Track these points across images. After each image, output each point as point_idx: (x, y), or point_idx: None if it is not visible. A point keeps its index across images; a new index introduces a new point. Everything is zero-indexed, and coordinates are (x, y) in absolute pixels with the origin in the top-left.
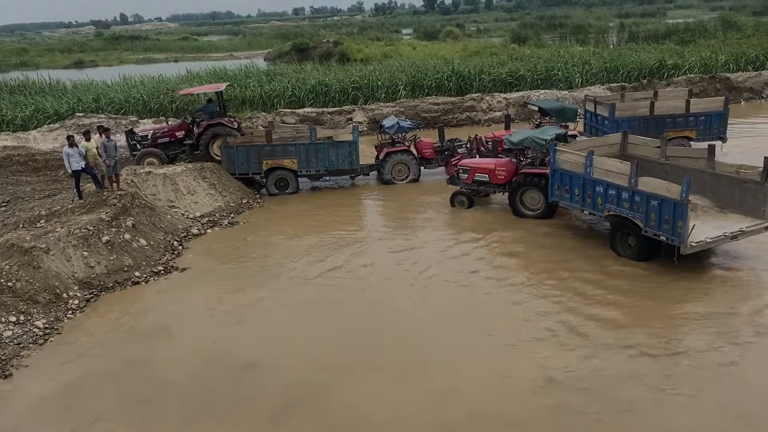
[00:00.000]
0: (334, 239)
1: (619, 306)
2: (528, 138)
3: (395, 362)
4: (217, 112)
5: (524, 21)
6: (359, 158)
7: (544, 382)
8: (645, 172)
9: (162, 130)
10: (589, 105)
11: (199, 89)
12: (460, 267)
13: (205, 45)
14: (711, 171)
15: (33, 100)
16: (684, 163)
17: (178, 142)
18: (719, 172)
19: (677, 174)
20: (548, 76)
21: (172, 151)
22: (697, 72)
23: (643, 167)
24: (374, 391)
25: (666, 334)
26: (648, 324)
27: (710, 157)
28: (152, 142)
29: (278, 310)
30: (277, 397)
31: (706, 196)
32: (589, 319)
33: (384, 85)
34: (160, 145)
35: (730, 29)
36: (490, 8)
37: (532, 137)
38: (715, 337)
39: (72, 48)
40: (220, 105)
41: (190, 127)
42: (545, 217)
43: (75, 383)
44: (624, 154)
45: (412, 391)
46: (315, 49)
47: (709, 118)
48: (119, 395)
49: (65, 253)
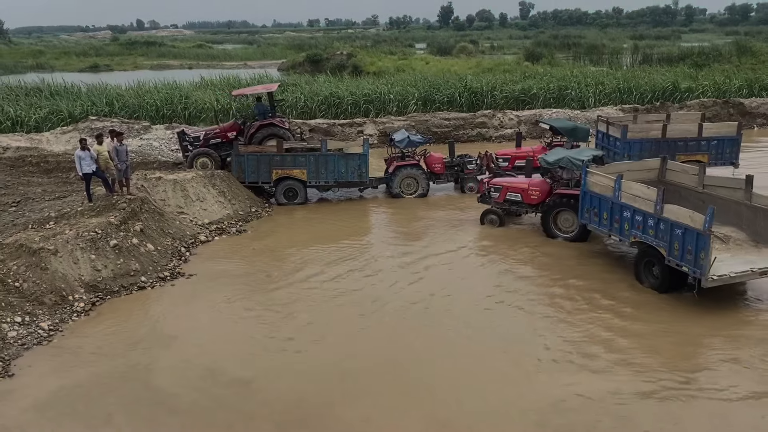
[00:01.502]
0: (341, 251)
1: (640, 339)
2: (564, 158)
3: (399, 384)
4: (268, 112)
5: (538, 39)
6: (368, 171)
7: (556, 407)
8: (682, 200)
9: (214, 130)
10: (601, 125)
11: (252, 90)
12: (477, 287)
13: (219, 53)
14: (748, 203)
15: (48, 102)
16: (721, 193)
17: (230, 143)
18: (756, 204)
19: (713, 204)
20: (561, 95)
21: (224, 152)
22: (710, 96)
23: (680, 195)
24: (377, 414)
25: (686, 372)
26: (669, 360)
27: (748, 188)
28: (204, 142)
29: (282, 322)
30: (277, 415)
31: (742, 228)
32: (608, 349)
33: (396, 99)
34: (212, 146)
35: (745, 54)
36: (505, 25)
37: (568, 157)
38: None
39: (88, 52)
40: (270, 105)
41: (242, 128)
42: (579, 240)
43: (77, 387)
44: (662, 180)
45: (415, 417)
46: (328, 61)
47: (721, 143)
48: (120, 401)
49: (73, 256)
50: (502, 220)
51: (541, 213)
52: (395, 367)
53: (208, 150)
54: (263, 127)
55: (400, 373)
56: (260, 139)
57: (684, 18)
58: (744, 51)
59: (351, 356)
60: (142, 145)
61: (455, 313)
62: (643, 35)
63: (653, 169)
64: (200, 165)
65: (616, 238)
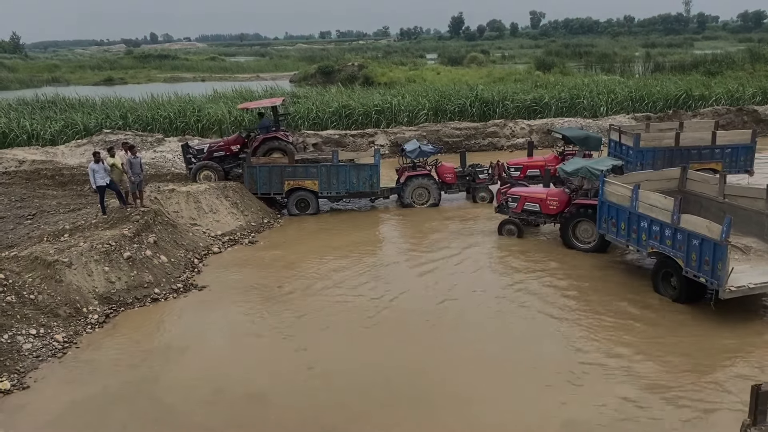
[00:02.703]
0: (353, 262)
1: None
2: (583, 168)
3: (412, 399)
4: (272, 126)
5: (549, 48)
6: (380, 181)
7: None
8: (703, 210)
9: (218, 143)
10: (613, 134)
11: (257, 104)
12: (495, 298)
13: (232, 65)
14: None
15: (63, 116)
16: (742, 203)
17: (234, 156)
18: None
19: (734, 213)
20: (573, 104)
21: (228, 165)
22: (723, 104)
23: (701, 205)
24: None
25: (700, 390)
26: (682, 377)
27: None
28: (208, 155)
29: (295, 334)
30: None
31: (764, 239)
32: (626, 361)
33: (407, 109)
34: (216, 159)
35: (759, 62)
36: (515, 35)
37: (587, 167)
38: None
39: (102, 65)
40: (275, 119)
41: (245, 141)
42: (598, 251)
43: (90, 400)
44: (682, 189)
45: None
46: (340, 72)
47: (735, 151)
48: (133, 417)
49: (87, 268)
50: (521, 230)
51: (560, 223)
52: (411, 380)
53: (211, 163)
54: (267, 141)
55: (417, 387)
56: (264, 152)
57: (696, 25)
58: (757, 58)
59: (366, 369)
60: (156, 157)
61: (473, 324)
62: (655, 43)
63: (673, 178)
64: (203, 178)
65: (633, 249)
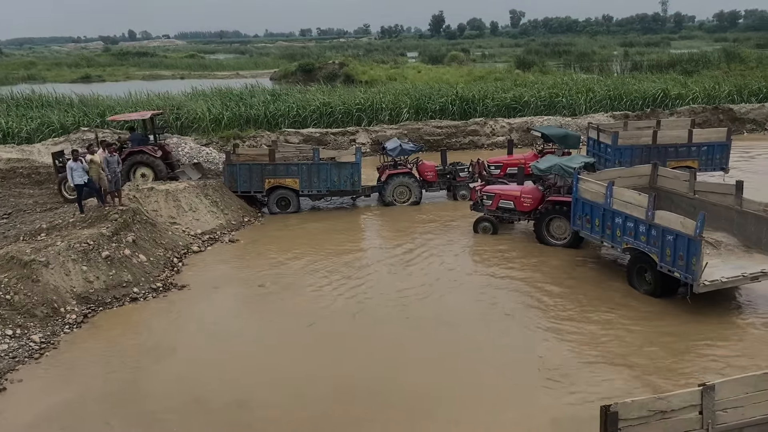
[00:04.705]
0: (334, 260)
1: (635, 344)
2: (556, 165)
3: (397, 401)
4: (143, 140)
5: (529, 47)
6: (361, 179)
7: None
8: (673, 206)
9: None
10: (592, 132)
11: (126, 116)
12: (472, 294)
13: (211, 63)
14: (738, 208)
15: (39, 113)
16: (712, 199)
17: None
18: (746, 209)
19: (705, 209)
20: (552, 103)
21: None
22: (700, 102)
23: (672, 201)
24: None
25: (679, 373)
26: (662, 364)
27: (738, 194)
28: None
29: (274, 337)
30: None
31: (733, 234)
32: (603, 355)
33: (388, 108)
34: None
35: (734, 61)
36: (495, 34)
37: (560, 164)
38: None
39: (80, 62)
40: (153, 132)
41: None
42: (572, 247)
43: (69, 402)
44: (654, 186)
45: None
46: (320, 70)
47: (711, 149)
48: (112, 418)
49: (64, 267)
50: (495, 227)
51: (534, 220)
52: (392, 382)
53: None
54: (132, 154)
55: (398, 390)
56: (129, 166)
57: (673, 25)
58: (732, 57)
59: (347, 370)
60: None
61: (450, 322)
62: (633, 42)
63: (645, 175)
64: (68, 189)
65: (608, 245)
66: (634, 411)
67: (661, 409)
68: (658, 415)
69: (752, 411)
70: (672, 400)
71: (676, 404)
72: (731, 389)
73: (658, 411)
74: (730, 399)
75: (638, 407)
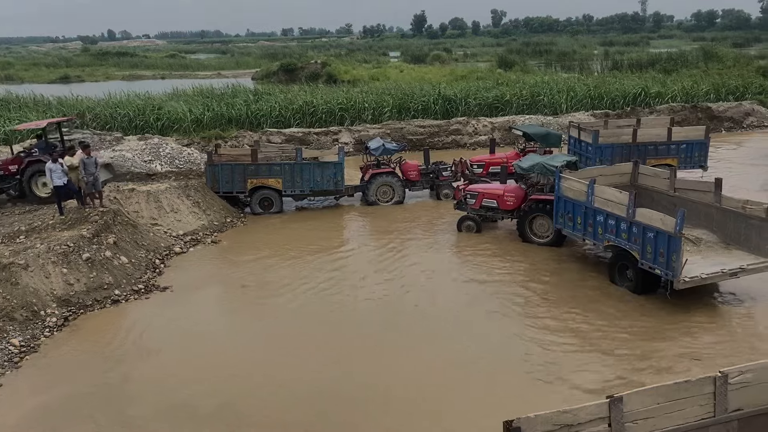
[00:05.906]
0: (317, 260)
1: (618, 339)
2: (538, 164)
3: (382, 403)
4: (46, 147)
5: (510, 47)
6: (344, 179)
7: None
8: (654, 203)
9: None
10: (573, 131)
11: (34, 124)
12: (455, 293)
13: (192, 63)
14: (718, 205)
15: (16, 115)
16: (692, 196)
17: (11, 176)
18: (725, 206)
19: (685, 207)
20: (533, 102)
21: (5, 184)
22: (679, 101)
23: (652, 199)
24: None
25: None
26: (641, 356)
27: (717, 191)
28: None
29: (257, 338)
30: None
31: (713, 230)
32: (587, 349)
33: (371, 107)
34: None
35: (712, 60)
36: (477, 33)
37: (542, 163)
38: None
39: (58, 63)
40: (61, 140)
41: (22, 162)
42: (554, 245)
43: (50, 406)
44: (634, 184)
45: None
46: (302, 70)
47: (690, 147)
48: (95, 423)
49: (44, 270)
50: (479, 226)
51: (517, 219)
52: (377, 383)
53: None
54: (32, 164)
55: (383, 391)
56: (29, 176)
57: (652, 24)
58: (710, 56)
59: (331, 371)
60: (115, 156)
61: (435, 321)
62: (612, 42)
63: (625, 173)
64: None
65: (590, 243)
66: (538, 426)
67: (567, 423)
68: (564, 429)
69: (663, 422)
70: (578, 413)
71: (582, 417)
72: (641, 400)
73: (564, 425)
74: (640, 410)
75: (542, 422)
